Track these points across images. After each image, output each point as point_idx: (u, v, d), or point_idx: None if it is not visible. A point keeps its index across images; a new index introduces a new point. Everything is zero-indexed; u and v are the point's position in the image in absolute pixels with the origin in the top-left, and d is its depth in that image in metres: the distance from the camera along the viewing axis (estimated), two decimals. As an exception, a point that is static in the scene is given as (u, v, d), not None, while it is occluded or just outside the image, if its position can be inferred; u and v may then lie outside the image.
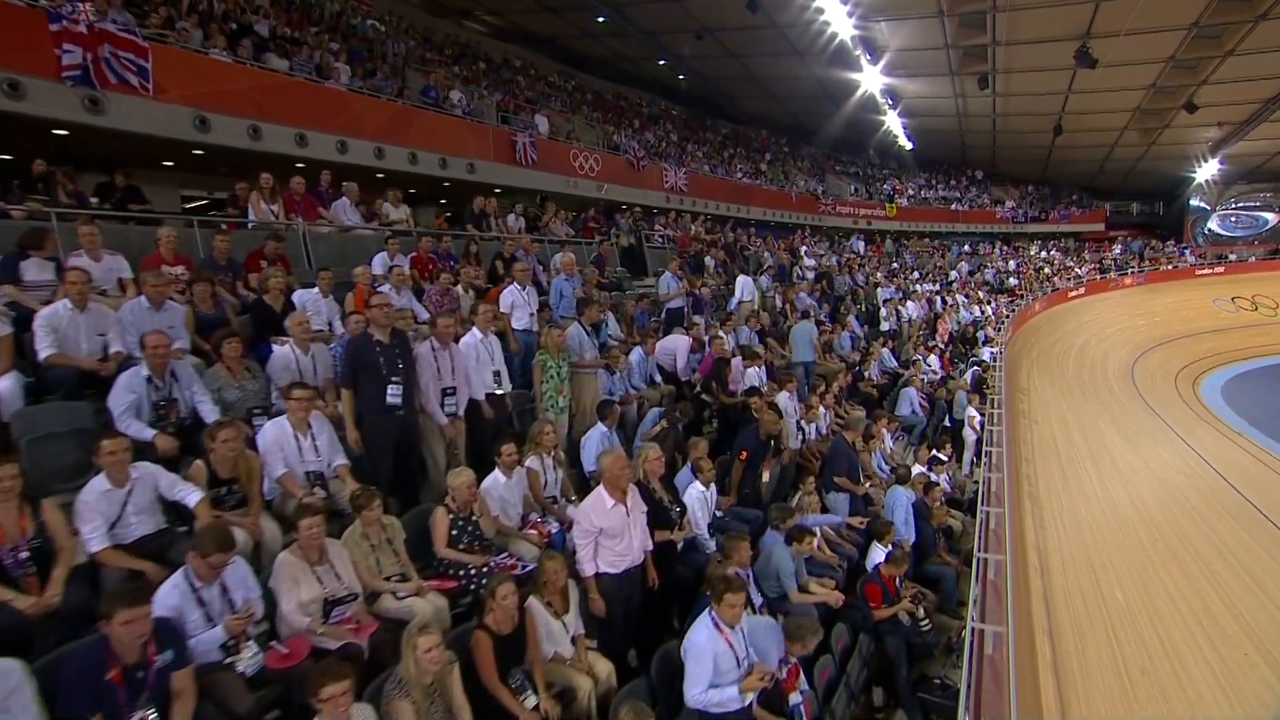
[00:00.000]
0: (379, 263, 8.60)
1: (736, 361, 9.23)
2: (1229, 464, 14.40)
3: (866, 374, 13.10)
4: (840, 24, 22.74)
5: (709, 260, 15.72)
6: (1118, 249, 37.01)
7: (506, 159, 16.12)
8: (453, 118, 15.18)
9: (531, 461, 5.95)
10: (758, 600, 5.72)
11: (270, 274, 6.65)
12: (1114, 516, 10.88)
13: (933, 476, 8.98)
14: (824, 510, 7.71)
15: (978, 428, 11.93)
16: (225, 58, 11.30)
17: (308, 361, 5.98)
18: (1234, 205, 38.24)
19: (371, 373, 5.38)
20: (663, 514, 5.46)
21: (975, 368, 15.02)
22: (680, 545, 5.58)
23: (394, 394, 5.38)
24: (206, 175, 12.80)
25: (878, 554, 7.01)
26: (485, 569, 5.02)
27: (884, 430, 10.17)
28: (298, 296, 7.10)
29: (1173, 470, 13.72)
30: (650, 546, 5.14)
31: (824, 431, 9.79)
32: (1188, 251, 36.08)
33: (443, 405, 5.94)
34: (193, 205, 13.71)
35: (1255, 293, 32.04)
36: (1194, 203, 38.35)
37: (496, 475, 5.56)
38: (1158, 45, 24.29)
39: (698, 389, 8.59)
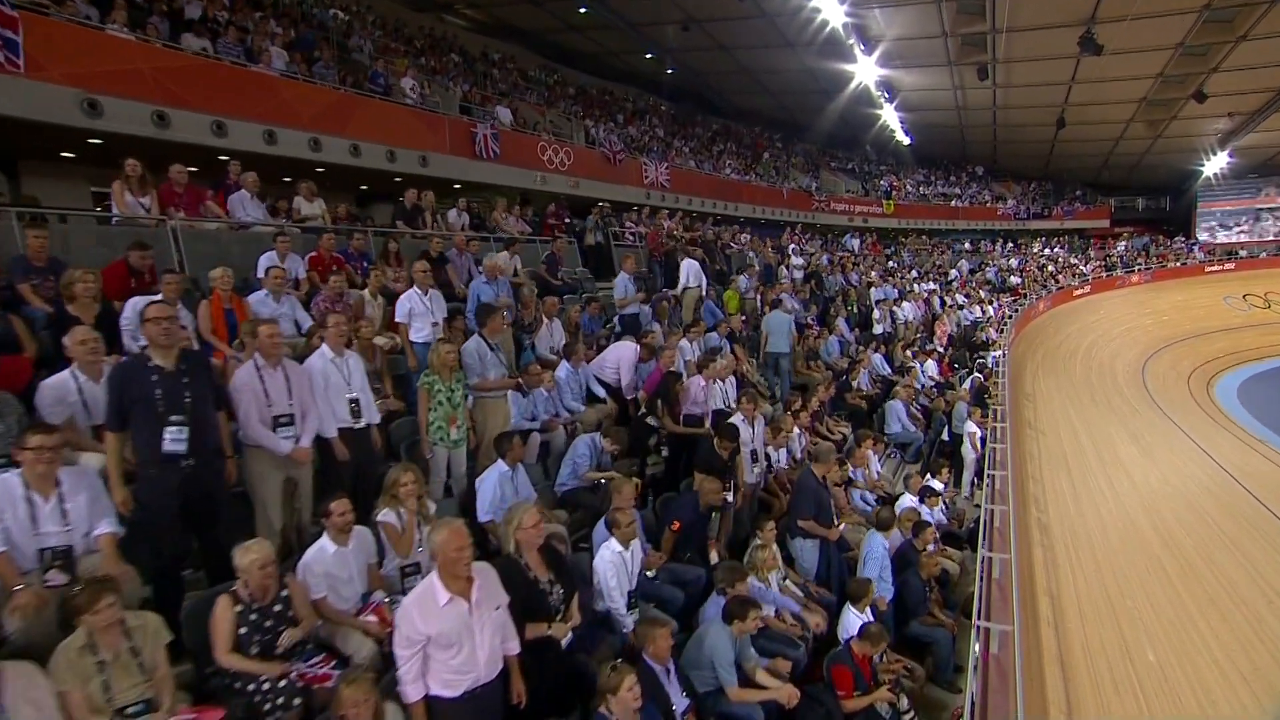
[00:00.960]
0: (265, 264, 7.11)
1: (695, 381, 7.63)
2: (1255, 477, 12.77)
3: (854, 384, 11.54)
4: (832, 12, 21.20)
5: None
6: (1122, 245, 35.22)
7: (465, 152, 14.62)
8: (403, 107, 13.66)
9: (386, 515, 4.45)
10: (680, 704, 4.19)
11: (74, 277, 5.14)
12: (1137, 547, 9.27)
13: (925, 511, 7.42)
14: (789, 561, 6.18)
15: (978, 446, 10.36)
16: (124, 34, 9.82)
17: (97, 392, 4.46)
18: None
19: (145, 410, 3.85)
20: (537, 601, 3.92)
21: (977, 374, 13.41)
22: (566, 640, 4.03)
23: (174, 438, 3.85)
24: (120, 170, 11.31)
25: (852, 622, 5.47)
26: (284, 682, 3.52)
27: (869, 452, 8.62)
28: (132, 305, 5.59)
29: (1196, 486, 12.09)
30: (515, 650, 3.61)
31: (799, 456, 8.25)
32: (1196, 248, 34.30)
33: (276, 432, 4.46)
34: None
35: (1267, 290, 30.30)
36: (1202, 197, 36.57)
37: (323, 544, 4.05)
38: (1166, 30, 22.67)
39: (641, 410, 7.04)
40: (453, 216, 10.80)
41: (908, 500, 7.71)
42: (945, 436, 11.70)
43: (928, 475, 8.50)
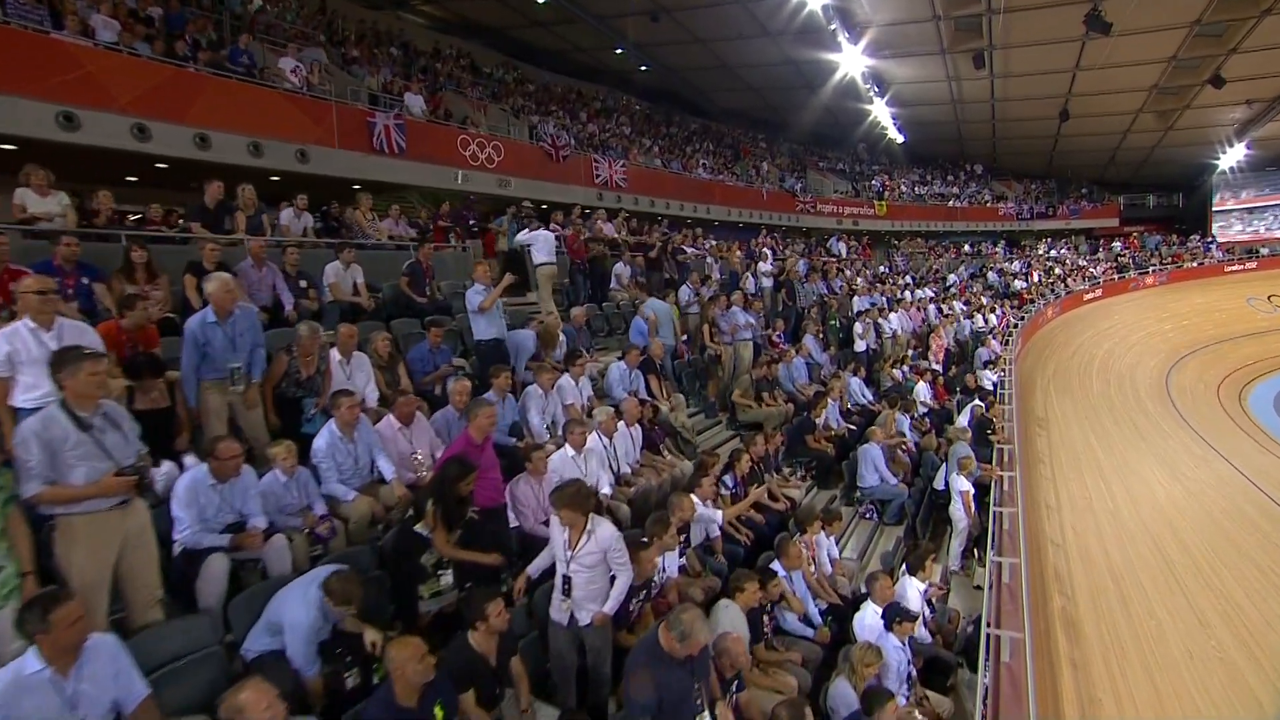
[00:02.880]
0: None
1: (520, 487, 4.86)
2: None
3: (819, 420, 8.73)
4: (811, -5, 18.70)
5: (621, 268, 11.45)
6: (1118, 245, 31.98)
7: (360, 146, 11.95)
8: (271, 90, 10.96)
9: None
10: None
11: None
12: (1209, 651, 6.43)
13: (890, 647, 4.59)
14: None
15: (970, 508, 7.55)
16: None
17: None
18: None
19: None
20: None
21: (978, 403, 10.54)
22: None
23: None
24: None
25: None
26: None
27: (819, 537, 5.82)
28: None
29: (1260, 538, 9.21)
30: None
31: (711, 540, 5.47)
32: (1214, 246, 31.20)
33: None
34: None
35: (1293, 290, 27.27)
36: (1218, 193, 33.47)
37: None
38: (1181, 6, 19.93)
39: (409, 512, 4.26)
40: (286, 216, 8.11)
41: (868, 622, 4.90)
42: (940, 485, 8.86)
43: (904, 571, 5.68)
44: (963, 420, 10.69)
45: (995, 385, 13.24)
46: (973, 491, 7.63)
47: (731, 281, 14.00)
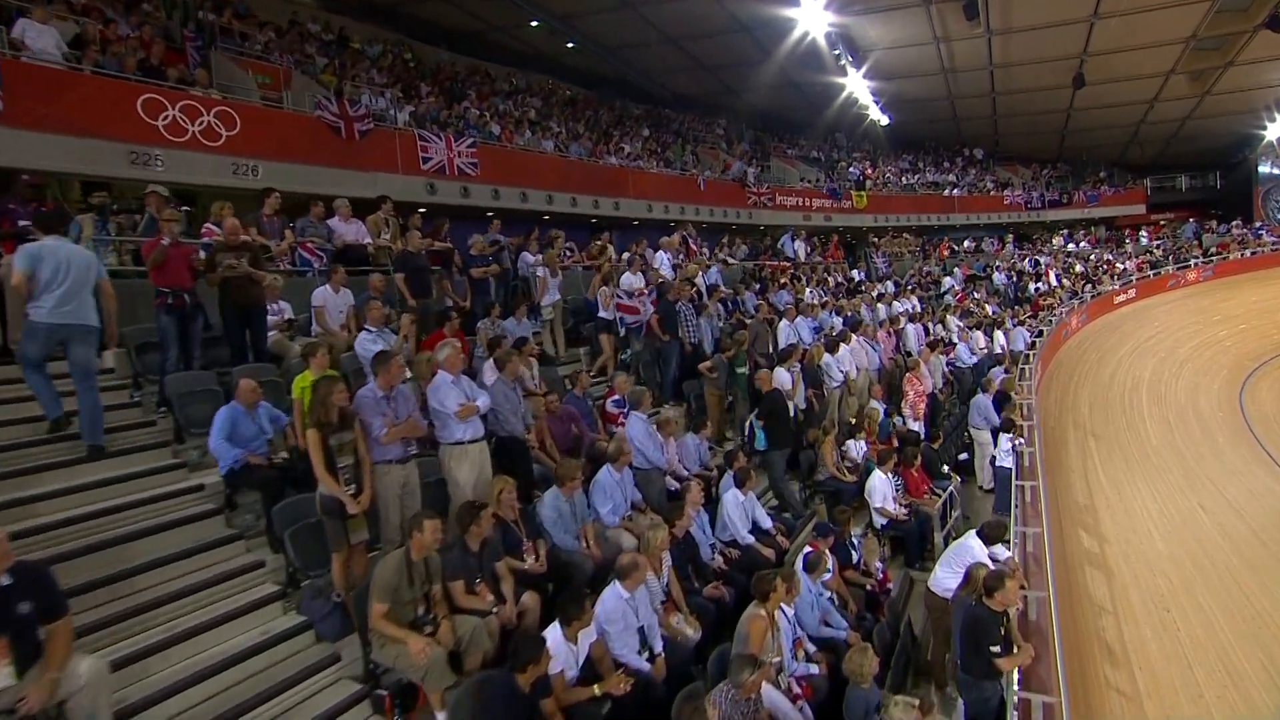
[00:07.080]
0: None
1: None
2: None
3: (549, 673, 3.31)
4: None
5: (325, 295, 6.14)
6: (1144, 236, 26.21)
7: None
8: None
9: None
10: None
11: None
12: None
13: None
14: None
15: None
16: None
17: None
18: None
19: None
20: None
21: (975, 561, 4.90)
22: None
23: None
24: None
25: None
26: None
27: None
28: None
29: None
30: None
31: None
32: (1264, 231, 25.22)
33: None
34: None
35: (1368, 279, 21.34)
36: (1265, 169, 27.37)
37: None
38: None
39: None
40: None
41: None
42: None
43: None
44: (944, 581, 5.15)
45: (1013, 452, 7.71)
46: None
47: (587, 308, 8.64)
